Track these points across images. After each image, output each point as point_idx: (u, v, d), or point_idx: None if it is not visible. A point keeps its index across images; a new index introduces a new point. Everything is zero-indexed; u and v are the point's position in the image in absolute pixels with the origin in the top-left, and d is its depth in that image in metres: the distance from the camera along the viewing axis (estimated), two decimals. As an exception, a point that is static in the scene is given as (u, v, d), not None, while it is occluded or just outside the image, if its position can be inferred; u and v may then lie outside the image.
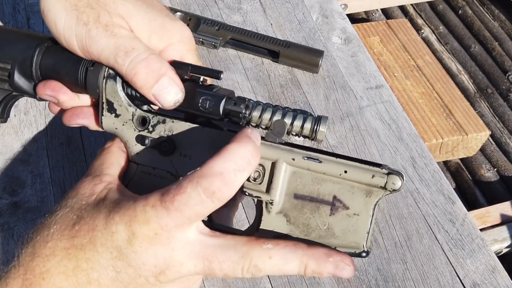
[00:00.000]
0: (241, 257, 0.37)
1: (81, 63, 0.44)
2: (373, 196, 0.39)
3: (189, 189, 0.35)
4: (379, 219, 0.63)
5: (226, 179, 0.35)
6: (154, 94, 0.42)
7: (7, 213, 0.59)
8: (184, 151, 0.43)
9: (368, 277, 0.58)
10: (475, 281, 0.59)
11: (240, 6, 0.85)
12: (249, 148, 0.36)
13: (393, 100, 0.75)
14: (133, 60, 0.41)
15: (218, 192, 0.35)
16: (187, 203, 0.35)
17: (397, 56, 1.59)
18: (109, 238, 0.37)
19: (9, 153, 0.65)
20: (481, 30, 1.93)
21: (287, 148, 0.40)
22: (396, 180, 0.38)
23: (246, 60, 0.78)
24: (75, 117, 0.47)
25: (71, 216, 0.39)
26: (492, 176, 1.55)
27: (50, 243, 0.38)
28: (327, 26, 0.85)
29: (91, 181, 0.42)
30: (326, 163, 0.39)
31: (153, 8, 0.46)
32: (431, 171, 0.68)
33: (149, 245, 0.36)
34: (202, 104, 0.42)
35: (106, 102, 0.44)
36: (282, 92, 0.75)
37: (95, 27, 0.41)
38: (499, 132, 1.66)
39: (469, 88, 1.77)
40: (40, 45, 0.45)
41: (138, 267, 0.37)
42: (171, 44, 0.45)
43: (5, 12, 0.80)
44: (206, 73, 0.43)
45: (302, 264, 0.37)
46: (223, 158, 0.35)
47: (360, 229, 0.39)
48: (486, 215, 1.32)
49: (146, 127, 0.44)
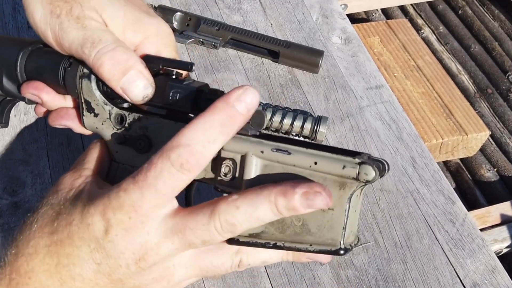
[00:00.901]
0: (209, 217, 0.35)
1: (60, 64, 0.44)
2: (347, 188, 0.35)
3: (159, 163, 0.34)
4: (379, 219, 0.63)
5: (193, 150, 0.34)
6: (122, 88, 0.41)
7: (7, 213, 0.59)
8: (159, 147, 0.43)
9: (368, 277, 0.58)
10: (475, 281, 0.59)
11: (240, 6, 0.85)
12: (221, 116, 0.34)
13: (393, 100, 0.75)
14: (99, 51, 0.40)
15: (186, 163, 0.34)
16: (159, 177, 0.34)
17: (397, 56, 1.59)
18: (85, 231, 0.37)
19: (9, 153, 0.65)
20: (481, 30, 1.93)
21: (256, 140, 0.38)
22: (369, 170, 0.34)
23: (246, 60, 0.78)
24: (59, 118, 0.47)
25: (50, 213, 0.39)
26: (492, 176, 1.55)
27: (32, 242, 0.38)
28: (327, 26, 0.85)
29: (71, 176, 0.42)
30: (295, 155, 0.36)
31: (129, 2, 0.45)
32: (431, 171, 0.68)
33: (125, 232, 0.36)
34: (173, 97, 0.41)
35: (84, 101, 0.44)
36: (282, 92, 0.75)
37: (66, 20, 0.41)
38: (499, 132, 1.66)
39: (469, 88, 1.77)
40: (23, 49, 0.46)
41: (117, 256, 0.36)
42: (146, 38, 0.44)
43: (5, 12, 0.80)
44: (177, 66, 0.42)
45: (272, 203, 0.34)
46: (191, 129, 0.34)
47: (335, 225, 0.36)
48: (486, 215, 1.32)
49: (123, 125, 0.43)
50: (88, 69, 0.43)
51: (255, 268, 0.58)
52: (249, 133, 0.39)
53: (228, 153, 0.39)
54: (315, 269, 0.58)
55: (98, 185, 0.41)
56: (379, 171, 0.34)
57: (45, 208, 0.40)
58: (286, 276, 0.57)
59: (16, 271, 0.38)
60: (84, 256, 0.37)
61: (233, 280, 0.57)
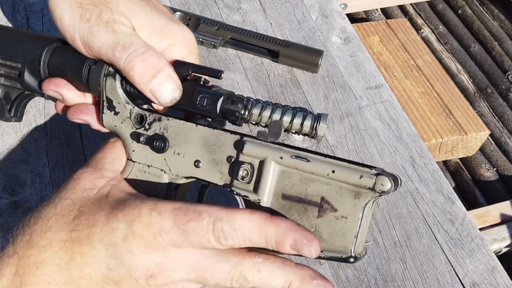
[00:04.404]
0: (232, 268, 0.37)
1: (85, 62, 0.45)
2: (361, 198, 0.37)
3: (205, 222, 0.36)
4: (379, 219, 0.63)
5: (234, 236, 0.36)
6: (151, 90, 0.42)
7: (6, 213, 0.59)
8: (177, 149, 0.43)
9: (368, 276, 0.58)
10: (475, 281, 0.59)
11: (240, 6, 0.85)
12: (273, 237, 0.36)
13: (392, 100, 0.75)
14: (130, 54, 0.41)
15: (223, 240, 0.36)
16: (196, 232, 0.36)
17: (396, 56, 1.59)
18: (107, 234, 0.37)
19: (8, 153, 0.65)
20: (480, 29, 1.93)
21: (276, 146, 0.40)
22: (385, 181, 0.36)
23: (245, 60, 0.78)
24: (79, 112, 0.47)
25: (71, 209, 0.39)
26: (492, 175, 1.55)
27: (48, 234, 0.38)
28: (326, 25, 0.85)
29: (92, 173, 0.42)
30: (314, 162, 0.38)
31: (156, 9, 0.46)
32: (431, 170, 0.68)
33: (145, 248, 0.37)
34: (200, 102, 0.42)
35: (106, 99, 0.45)
36: (281, 92, 0.75)
37: (96, 24, 0.42)
38: (499, 131, 1.66)
39: (468, 87, 1.77)
40: (48, 45, 0.47)
41: (131, 267, 0.37)
42: (172, 44, 0.45)
43: (5, 12, 0.80)
44: (206, 72, 0.44)
45: (288, 281, 0.37)
46: (248, 221, 0.36)
47: (347, 233, 0.37)
48: (486, 214, 1.32)
49: (143, 125, 0.44)
50: (116, 71, 0.44)
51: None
52: (268, 140, 0.40)
53: (247, 158, 0.40)
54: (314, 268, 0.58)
55: (124, 189, 0.41)
56: (394, 183, 0.36)
57: (64, 202, 0.40)
58: (285, 275, 0.57)
59: (25, 260, 0.38)
60: (99, 259, 0.37)
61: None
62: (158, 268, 0.37)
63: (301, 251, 0.36)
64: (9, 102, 0.50)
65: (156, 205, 0.37)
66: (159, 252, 0.37)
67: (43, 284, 0.37)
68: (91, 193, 0.40)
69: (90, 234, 0.38)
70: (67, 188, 0.41)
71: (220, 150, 0.42)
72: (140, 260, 0.37)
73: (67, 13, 0.43)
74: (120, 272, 0.37)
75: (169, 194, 0.44)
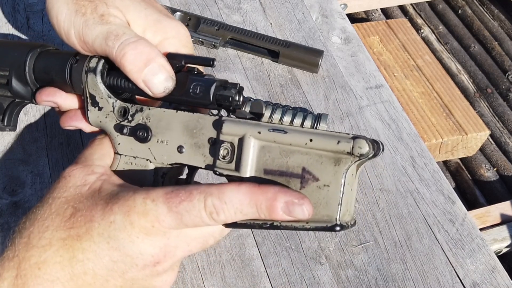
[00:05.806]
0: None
1: (67, 61, 0.46)
2: (341, 164, 0.36)
3: (196, 200, 0.36)
4: (379, 219, 0.63)
5: (225, 209, 0.37)
6: (144, 80, 0.42)
7: (7, 213, 0.59)
8: (160, 137, 0.44)
9: (368, 276, 0.58)
10: (475, 281, 0.59)
11: (240, 6, 0.85)
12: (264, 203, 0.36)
13: (392, 100, 0.75)
14: (122, 43, 0.42)
15: (215, 215, 0.37)
16: (189, 212, 0.36)
17: (396, 56, 1.59)
18: (106, 228, 0.37)
19: (9, 153, 0.65)
20: (480, 29, 1.93)
21: (253, 122, 0.39)
22: (363, 144, 0.35)
23: (246, 60, 0.78)
24: (69, 120, 0.48)
25: (65, 207, 0.40)
26: (492, 175, 1.55)
27: (47, 233, 0.38)
28: (326, 26, 0.85)
29: (82, 170, 0.42)
30: (291, 133, 0.38)
31: (151, 6, 0.47)
32: (431, 170, 0.68)
33: (146, 236, 0.37)
34: (193, 90, 0.42)
35: (89, 96, 0.45)
36: (282, 92, 0.75)
37: (92, 17, 0.43)
38: (499, 131, 1.66)
39: (468, 87, 1.77)
40: (32, 51, 0.48)
41: (136, 256, 0.38)
42: (166, 39, 0.46)
43: (5, 12, 0.80)
44: (199, 62, 0.44)
45: None
46: (237, 194, 0.36)
47: (331, 201, 0.37)
48: (486, 214, 1.32)
49: (126, 117, 0.45)
50: (110, 65, 0.45)
51: (255, 268, 0.58)
52: (247, 116, 0.40)
53: (226, 137, 0.40)
54: (315, 269, 0.58)
55: (115, 182, 0.42)
56: (372, 146, 0.35)
57: (58, 201, 0.40)
58: (286, 276, 0.57)
59: (26, 261, 0.38)
60: (101, 253, 0.37)
61: (233, 280, 0.57)
62: (162, 252, 0.38)
63: (293, 212, 0.36)
64: (1, 111, 0.51)
65: (149, 193, 0.38)
66: (159, 236, 0.38)
67: (47, 283, 0.37)
68: (83, 190, 0.41)
69: (89, 230, 0.38)
70: (58, 187, 0.42)
71: (201, 133, 0.42)
72: (144, 248, 0.37)
73: (64, 9, 0.44)
74: (125, 262, 0.38)
75: (156, 183, 0.45)
